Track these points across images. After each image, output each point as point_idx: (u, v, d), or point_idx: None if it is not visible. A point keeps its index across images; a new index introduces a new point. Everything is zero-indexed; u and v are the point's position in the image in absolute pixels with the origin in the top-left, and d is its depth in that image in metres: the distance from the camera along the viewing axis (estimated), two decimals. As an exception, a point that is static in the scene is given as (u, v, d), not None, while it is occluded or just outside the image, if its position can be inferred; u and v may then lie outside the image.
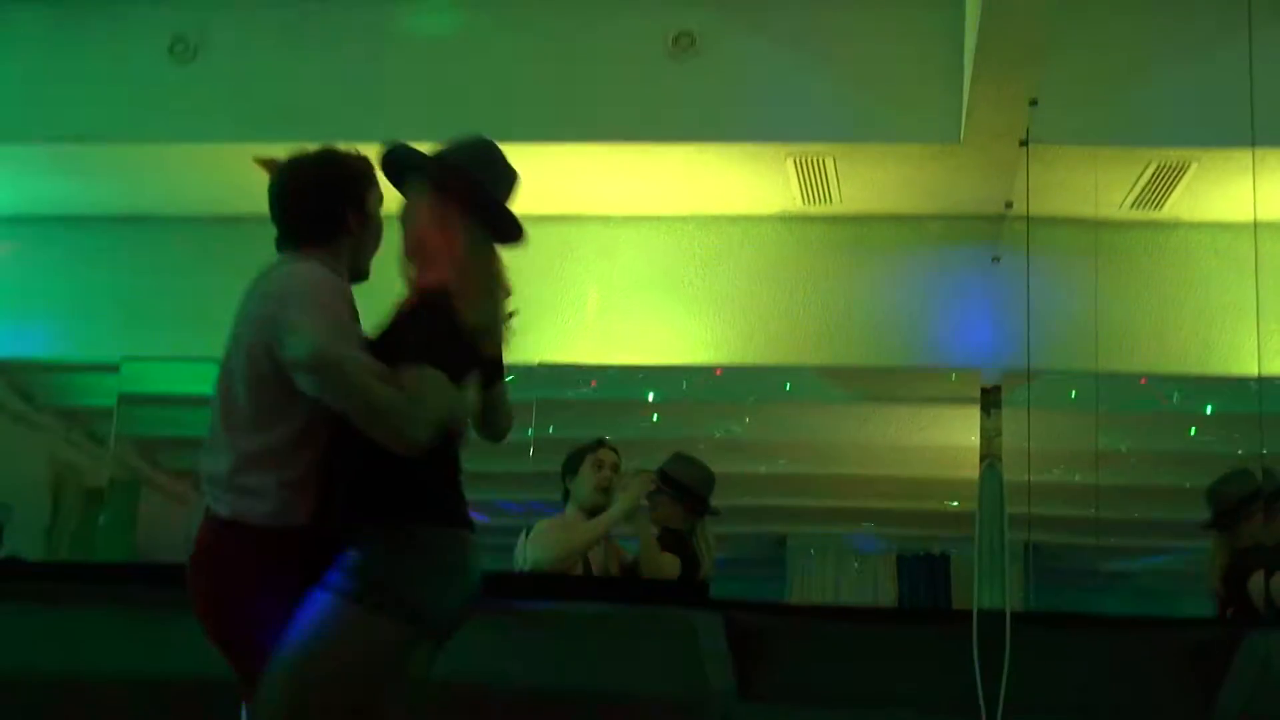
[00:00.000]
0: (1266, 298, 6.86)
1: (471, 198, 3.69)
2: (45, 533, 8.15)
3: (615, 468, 6.19)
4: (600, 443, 6.30)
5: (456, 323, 3.48)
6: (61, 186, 7.40)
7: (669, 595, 5.44)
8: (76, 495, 8.18)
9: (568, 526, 6.10)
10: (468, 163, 3.76)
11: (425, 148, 3.69)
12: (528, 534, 6.14)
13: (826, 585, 8.22)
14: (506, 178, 3.80)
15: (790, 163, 6.83)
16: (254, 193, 3.89)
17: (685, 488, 6.43)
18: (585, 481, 6.14)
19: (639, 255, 7.43)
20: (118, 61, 7.03)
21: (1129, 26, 6.48)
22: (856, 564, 8.17)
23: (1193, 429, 7.57)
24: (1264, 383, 7.09)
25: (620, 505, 6.05)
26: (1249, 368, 7.02)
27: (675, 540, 6.29)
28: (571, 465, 6.24)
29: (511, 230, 3.76)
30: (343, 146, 3.68)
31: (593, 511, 6.07)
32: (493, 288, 3.69)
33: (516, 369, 7.17)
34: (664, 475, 6.40)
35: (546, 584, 5.76)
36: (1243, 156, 6.48)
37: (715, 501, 6.97)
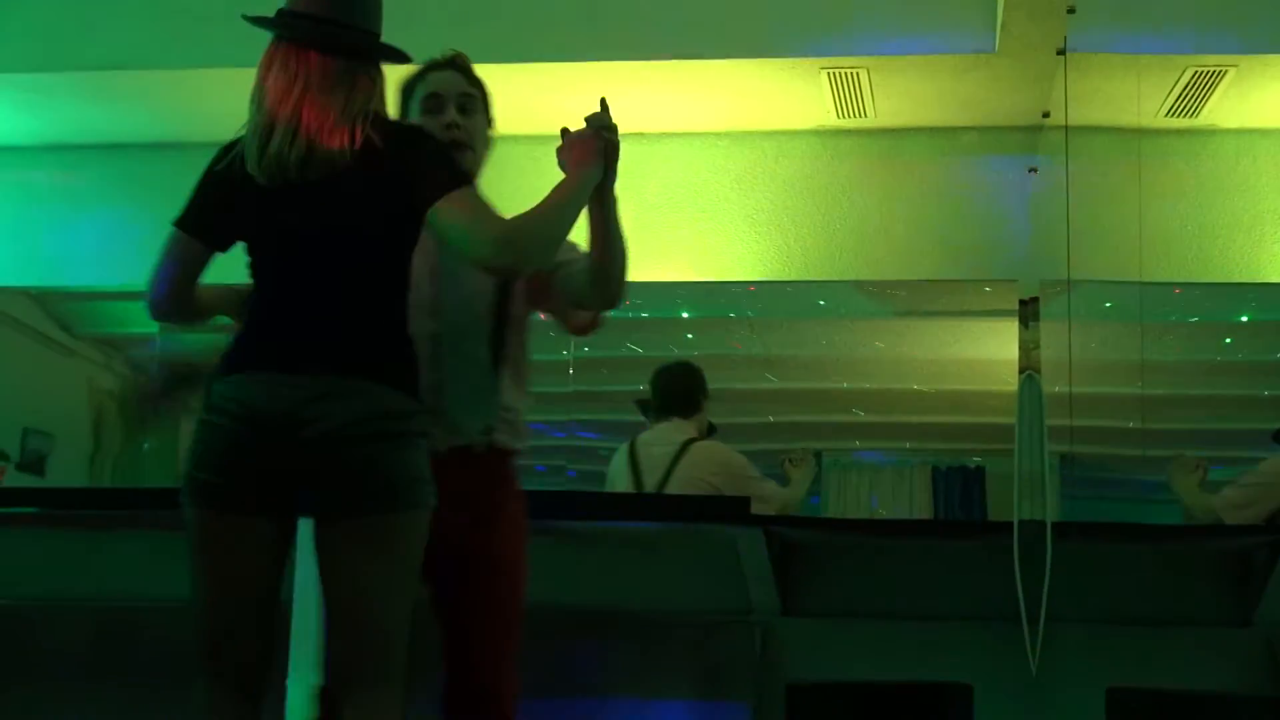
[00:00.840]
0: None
1: None
2: (88, 460, 8.20)
3: None
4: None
5: None
6: (101, 113, 7.43)
7: (711, 512, 5.40)
8: (117, 423, 8.20)
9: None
10: None
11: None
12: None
13: (862, 499, 8.24)
14: None
15: (824, 76, 6.82)
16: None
17: None
18: None
19: (674, 171, 7.45)
20: None
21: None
22: (891, 478, 8.19)
23: (1228, 338, 7.55)
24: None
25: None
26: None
27: None
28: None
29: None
30: None
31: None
32: None
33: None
34: None
35: (594, 503, 5.78)
36: (1278, 62, 6.47)
37: (749, 418, 7.04)
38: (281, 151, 3.22)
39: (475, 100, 3.83)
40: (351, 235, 3.27)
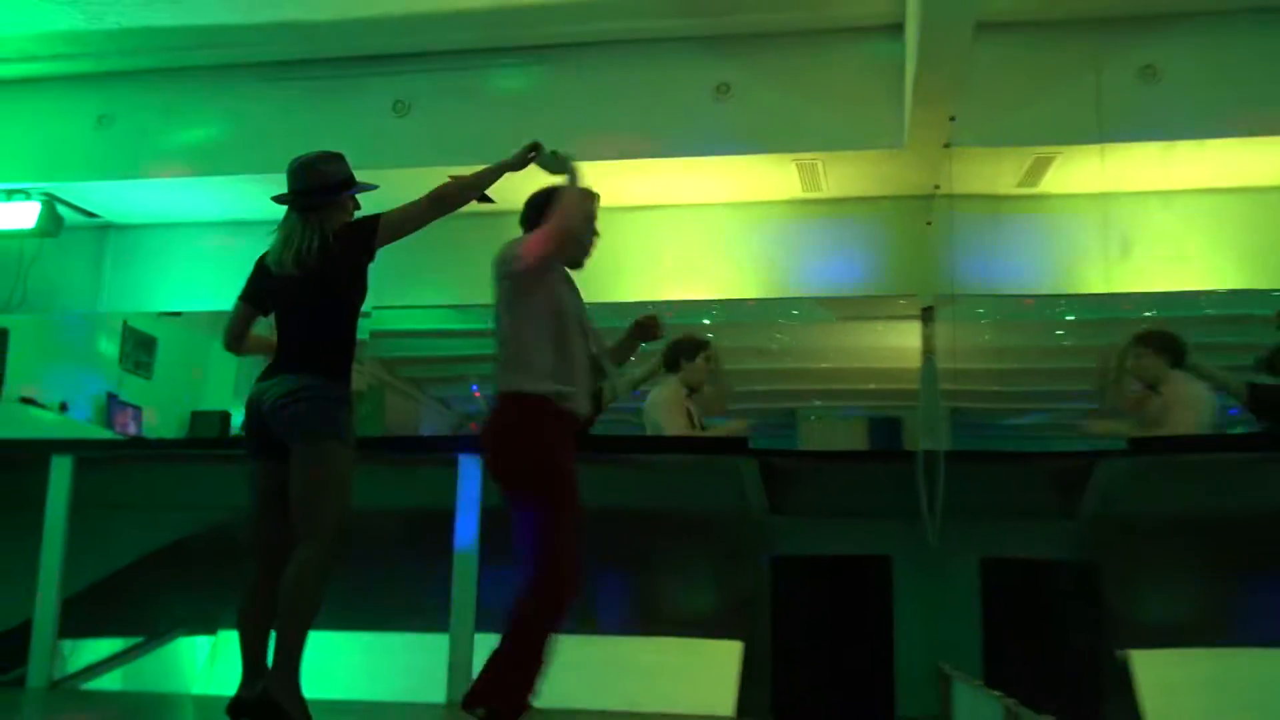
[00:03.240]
0: (1109, 243, 6.87)
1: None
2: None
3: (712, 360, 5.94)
4: (706, 344, 6.04)
5: None
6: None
7: (722, 448, 5.40)
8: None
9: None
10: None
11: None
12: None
13: (822, 439, 8.23)
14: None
15: (793, 164, 6.77)
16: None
17: None
18: (697, 369, 5.86)
19: (695, 228, 7.39)
20: (353, 118, 6.95)
21: (1011, 67, 6.39)
22: (840, 424, 8.18)
23: (1059, 330, 7.52)
24: (1108, 297, 7.05)
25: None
26: (1099, 288, 7.02)
27: None
28: (688, 353, 5.99)
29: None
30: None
31: (694, 389, 5.85)
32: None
33: (619, 307, 7.27)
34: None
35: (643, 441, 5.81)
36: (1091, 150, 6.44)
37: (751, 388, 7.06)
38: (282, 258, 3.65)
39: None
40: (311, 303, 3.65)
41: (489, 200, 3.97)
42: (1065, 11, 6.34)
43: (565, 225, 3.78)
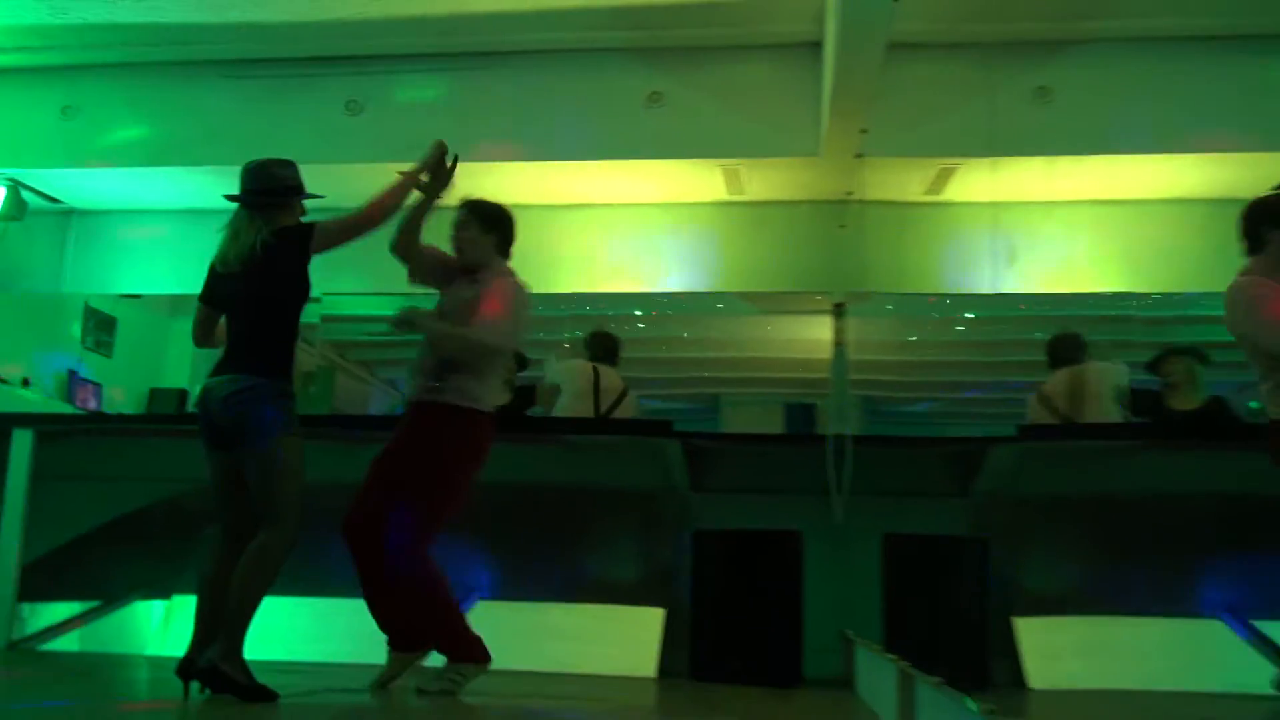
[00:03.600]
0: (1000, 244, 6.99)
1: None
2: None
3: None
4: None
5: None
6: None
7: (647, 430, 5.43)
8: (298, 377, 8.15)
9: None
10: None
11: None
12: None
13: (742, 422, 8.29)
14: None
15: (719, 169, 6.81)
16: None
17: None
18: None
19: (628, 227, 7.38)
20: (307, 116, 6.89)
21: (919, 85, 6.46)
22: (759, 409, 8.23)
23: (960, 327, 7.61)
24: (1001, 297, 7.17)
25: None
26: (992, 289, 7.12)
27: None
28: None
29: None
30: None
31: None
32: None
33: (561, 296, 7.26)
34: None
35: (574, 424, 5.81)
36: (985, 163, 6.54)
37: (678, 375, 7.07)
38: (228, 256, 3.63)
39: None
40: (254, 301, 3.62)
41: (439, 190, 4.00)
42: (969, 35, 6.43)
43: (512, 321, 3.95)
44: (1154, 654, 4.89)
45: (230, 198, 3.74)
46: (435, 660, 3.90)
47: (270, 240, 3.60)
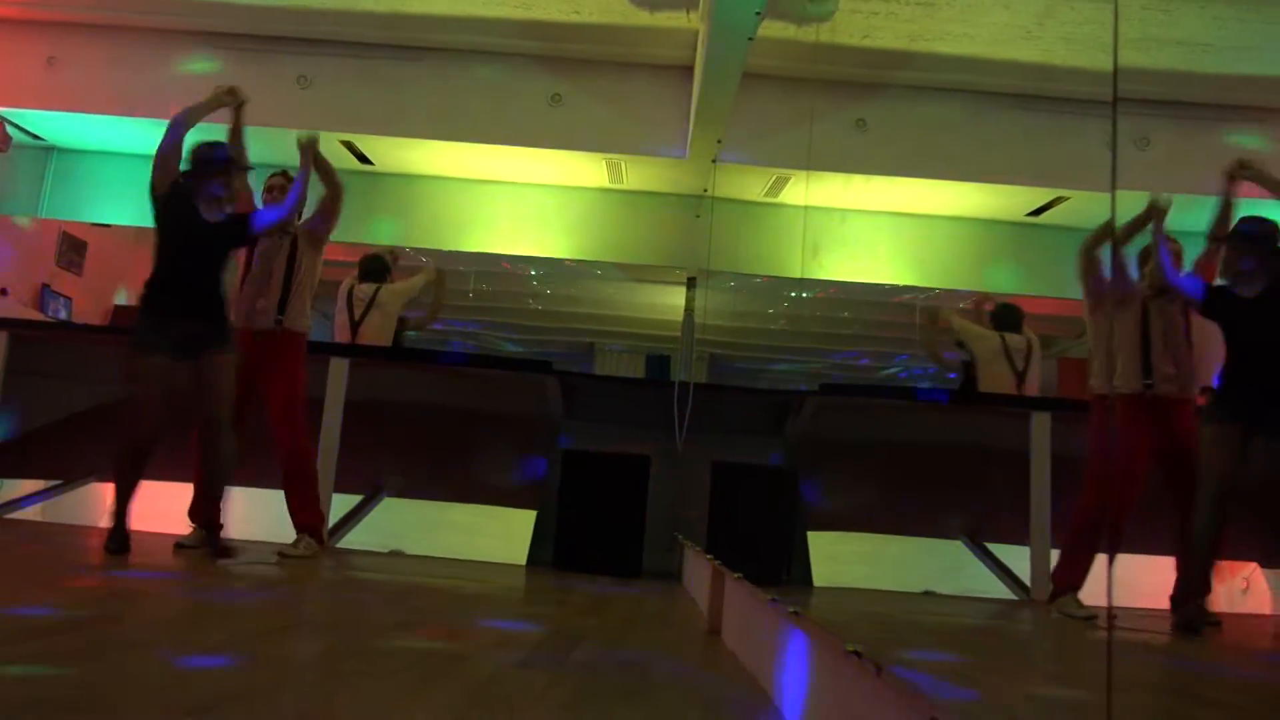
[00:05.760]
0: (810, 239, 7.11)
1: None
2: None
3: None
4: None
5: None
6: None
7: (531, 367, 5.41)
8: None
9: None
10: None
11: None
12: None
13: (612, 367, 8.34)
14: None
15: (604, 162, 6.76)
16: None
17: None
18: None
19: (528, 203, 7.26)
20: (265, 85, 6.52)
21: (766, 108, 6.48)
22: (625, 358, 8.28)
23: (784, 304, 7.75)
24: (818, 282, 7.31)
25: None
26: (815, 273, 7.26)
27: None
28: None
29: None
30: None
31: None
32: None
33: (470, 255, 7.13)
34: None
35: (478, 358, 5.75)
36: (815, 174, 6.63)
37: (563, 326, 6.99)
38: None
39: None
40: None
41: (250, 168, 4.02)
42: (807, 72, 6.47)
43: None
44: (910, 563, 5.15)
45: (184, 175, 3.73)
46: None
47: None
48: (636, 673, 2.17)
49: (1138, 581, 3.99)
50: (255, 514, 4.66)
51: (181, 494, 4.01)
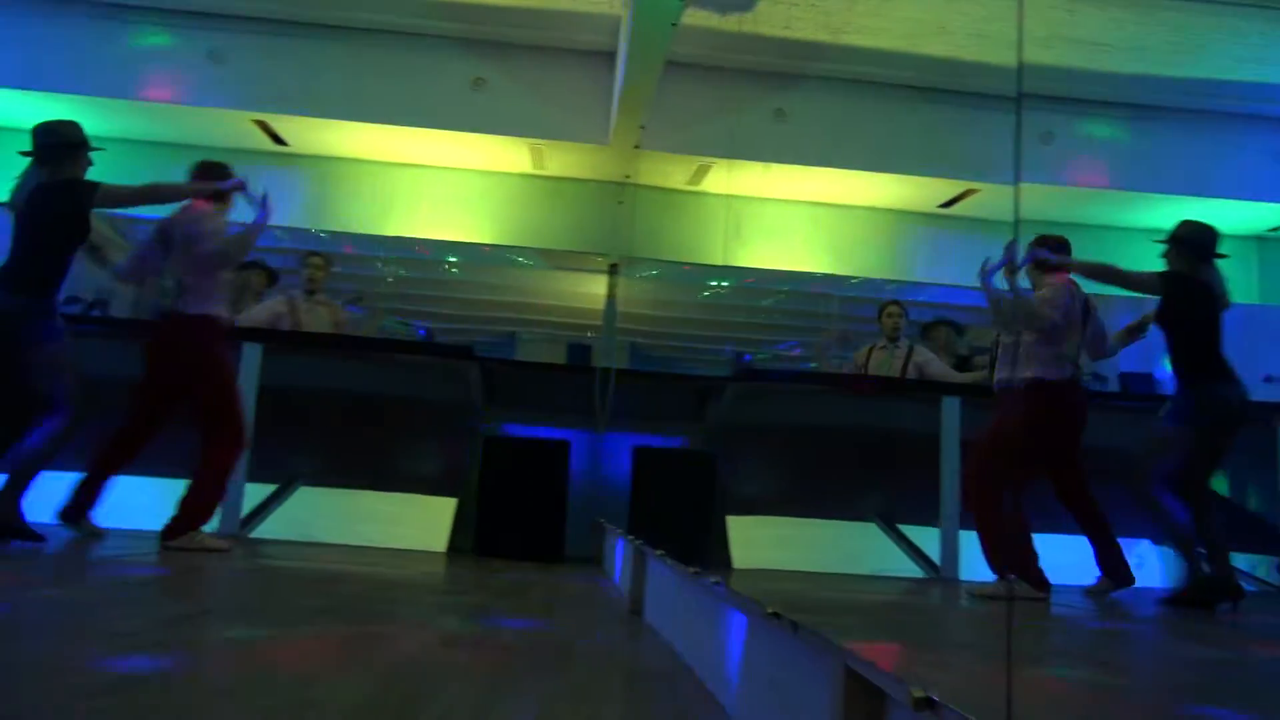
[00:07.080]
0: (731, 228, 7.19)
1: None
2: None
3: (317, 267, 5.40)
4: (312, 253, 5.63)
5: None
6: (140, 124, 6.69)
7: (452, 353, 5.36)
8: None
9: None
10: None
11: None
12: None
13: (533, 353, 8.29)
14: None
15: (526, 147, 6.76)
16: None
17: None
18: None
19: (449, 186, 7.24)
20: (176, 61, 6.33)
21: (688, 96, 6.56)
22: (547, 345, 8.25)
23: (705, 293, 7.82)
24: (741, 270, 7.41)
25: None
26: (736, 261, 7.32)
27: None
28: None
29: None
30: None
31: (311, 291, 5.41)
32: None
33: (390, 239, 7.03)
34: None
35: (398, 344, 5.67)
36: (728, 164, 6.72)
37: (483, 314, 6.96)
38: (15, 198, 3.61)
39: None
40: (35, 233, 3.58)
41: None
42: (728, 62, 6.58)
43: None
44: (826, 546, 5.25)
45: (24, 154, 3.67)
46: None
47: (57, 187, 3.57)
48: (558, 649, 2.20)
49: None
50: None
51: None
